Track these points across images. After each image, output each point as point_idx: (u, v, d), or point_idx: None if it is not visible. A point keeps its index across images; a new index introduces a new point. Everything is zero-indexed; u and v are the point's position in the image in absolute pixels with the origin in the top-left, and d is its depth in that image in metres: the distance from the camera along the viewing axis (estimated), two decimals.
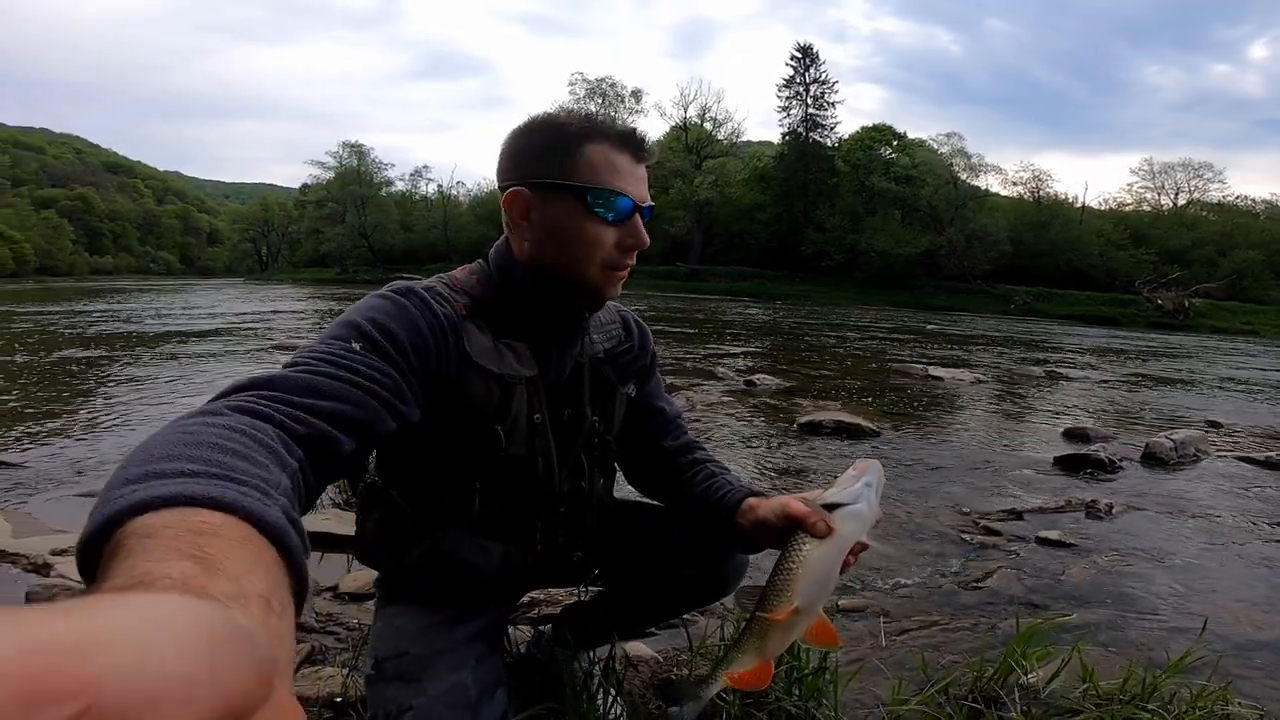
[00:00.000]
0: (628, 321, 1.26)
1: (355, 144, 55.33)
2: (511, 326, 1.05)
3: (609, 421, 1.19)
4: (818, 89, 47.90)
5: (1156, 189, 51.13)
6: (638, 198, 1.02)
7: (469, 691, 1.00)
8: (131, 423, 4.42)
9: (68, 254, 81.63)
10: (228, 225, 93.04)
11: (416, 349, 0.91)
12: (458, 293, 1.03)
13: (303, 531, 0.46)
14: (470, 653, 1.05)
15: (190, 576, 0.31)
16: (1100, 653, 1.95)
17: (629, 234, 1.02)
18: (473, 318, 1.01)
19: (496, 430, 1.02)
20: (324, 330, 0.88)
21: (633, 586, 1.31)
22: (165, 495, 0.42)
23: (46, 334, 9.96)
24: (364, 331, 0.87)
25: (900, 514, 3.18)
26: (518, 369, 1.04)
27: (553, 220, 1.00)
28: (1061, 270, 39.33)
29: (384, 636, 1.08)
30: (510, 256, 1.05)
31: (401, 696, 0.99)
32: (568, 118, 1.01)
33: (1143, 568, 2.69)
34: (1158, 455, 4.42)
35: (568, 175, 0.98)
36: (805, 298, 35.48)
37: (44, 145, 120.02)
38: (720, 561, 1.23)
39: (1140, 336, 21.46)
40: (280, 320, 13.56)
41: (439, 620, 1.08)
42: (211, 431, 0.55)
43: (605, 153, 0.99)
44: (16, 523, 2.58)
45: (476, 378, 0.99)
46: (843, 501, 0.94)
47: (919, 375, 8.06)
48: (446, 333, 0.96)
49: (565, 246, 1.01)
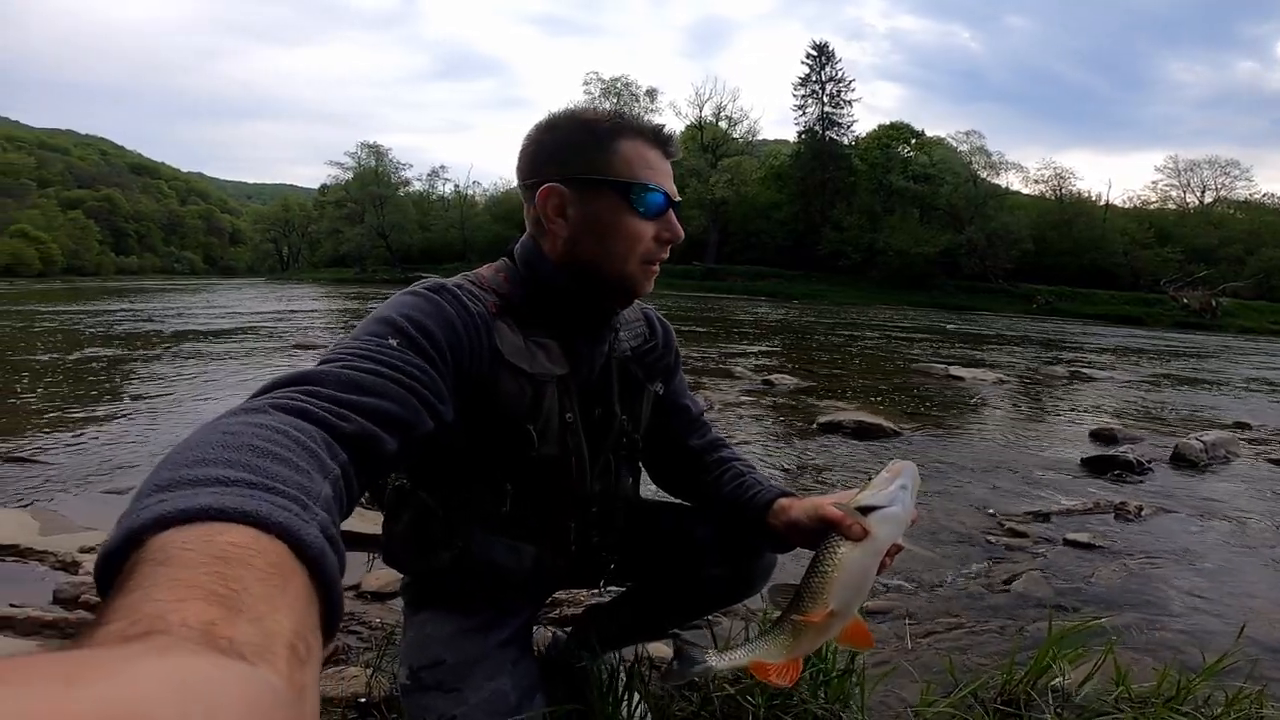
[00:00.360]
0: (651, 319, 1.25)
1: (373, 144, 55.86)
2: (541, 324, 1.04)
3: (637, 420, 1.17)
4: (834, 87, 47.61)
5: (1182, 187, 50.23)
6: (670, 192, 1.02)
7: (509, 698, 1.00)
8: (157, 420, 4.49)
9: (94, 254, 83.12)
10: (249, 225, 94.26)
11: (452, 347, 0.89)
12: (486, 291, 1.02)
13: (341, 549, 0.44)
14: (505, 658, 1.04)
15: (210, 623, 0.28)
16: (1132, 655, 1.91)
17: (665, 227, 1.03)
18: (503, 316, 1.00)
19: (529, 430, 1.01)
20: (358, 326, 0.87)
21: (657, 586, 1.30)
22: (193, 508, 0.39)
23: (73, 333, 10.14)
24: (400, 328, 0.85)
25: (923, 516, 3.13)
26: (549, 367, 1.03)
27: (593, 216, 1.00)
28: (1085, 269, 38.76)
29: (417, 645, 1.07)
30: (539, 253, 1.04)
31: (441, 706, 0.99)
32: (596, 114, 1.01)
33: (1173, 570, 2.63)
34: (1187, 457, 4.33)
35: (605, 171, 0.98)
36: (822, 297, 35.26)
37: (70, 147, 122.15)
38: (747, 561, 1.21)
39: (1166, 336, 21.08)
40: (300, 319, 13.70)
41: (471, 626, 1.07)
42: (252, 432, 0.52)
43: (638, 148, 1.00)
44: (44, 520, 2.60)
45: (508, 376, 0.98)
46: (878, 504, 0.93)
47: (939, 375, 7.97)
48: (480, 331, 0.95)
49: (604, 242, 1.00)
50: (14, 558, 2.27)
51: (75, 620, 1.83)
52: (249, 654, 0.27)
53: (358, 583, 2.16)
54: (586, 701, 1.30)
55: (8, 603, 1.89)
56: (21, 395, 5.15)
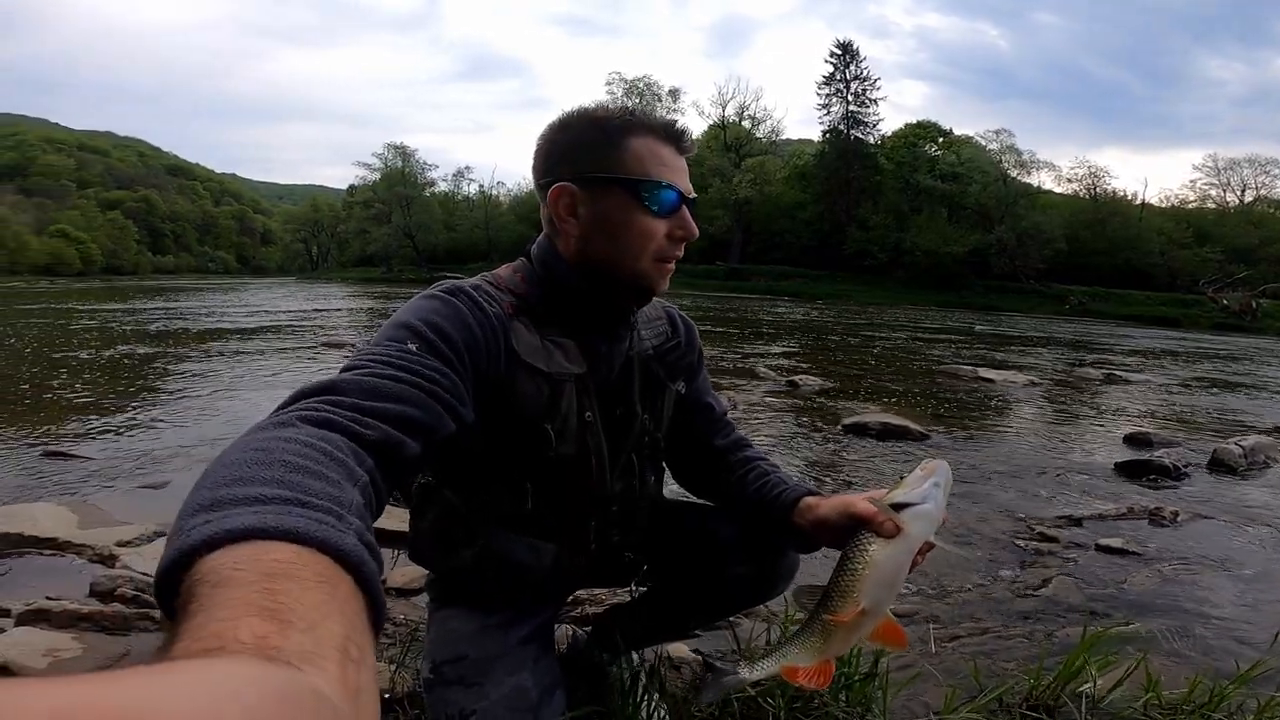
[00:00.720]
0: (674, 318, 1.24)
1: (400, 145, 56.68)
2: (558, 324, 1.05)
3: (659, 419, 1.17)
4: (859, 85, 47.20)
5: (1221, 185, 48.92)
6: (684, 189, 1.01)
7: (530, 694, 1.01)
8: (191, 416, 4.59)
9: (132, 254, 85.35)
10: (280, 226, 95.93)
11: (470, 349, 0.91)
12: (503, 291, 1.03)
13: (378, 553, 0.46)
14: (527, 655, 1.05)
15: (263, 637, 0.31)
16: (1164, 662, 1.86)
17: (678, 225, 1.02)
18: (519, 316, 1.01)
19: (546, 429, 1.01)
20: (378, 332, 0.89)
21: (680, 586, 1.29)
22: (238, 529, 0.41)
23: (111, 331, 10.42)
24: (419, 332, 0.87)
25: (951, 519, 3.08)
26: (567, 367, 1.03)
27: (603, 214, 1.00)
28: (1120, 269, 37.92)
29: (440, 641, 1.09)
30: (555, 253, 1.05)
31: (463, 701, 0.99)
32: (607, 112, 1.01)
33: (1210, 577, 2.56)
34: (1226, 462, 4.21)
35: (615, 169, 0.98)
36: (848, 297, 34.93)
37: (109, 149, 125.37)
38: (771, 560, 1.20)
39: (1204, 338, 20.52)
40: (328, 318, 13.93)
41: (493, 623, 1.08)
42: (282, 447, 0.55)
43: (650, 145, 0.99)
44: (83, 514, 2.66)
45: (525, 376, 0.99)
46: (910, 501, 0.91)
47: (968, 377, 7.84)
48: (497, 332, 0.96)
49: (615, 240, 1.00)
50: (52, 550, 2.33)
51: (111, 613, 1.88)
52: (296, 660, 0.30)
53: (383, 579, 2.19)
54: (606, 701, 1.31)
55: (45, 595, 1.94)
56: (62, 391, 5.30)
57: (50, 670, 1.59)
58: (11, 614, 1.84)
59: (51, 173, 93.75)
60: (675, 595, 1.31)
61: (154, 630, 1.83)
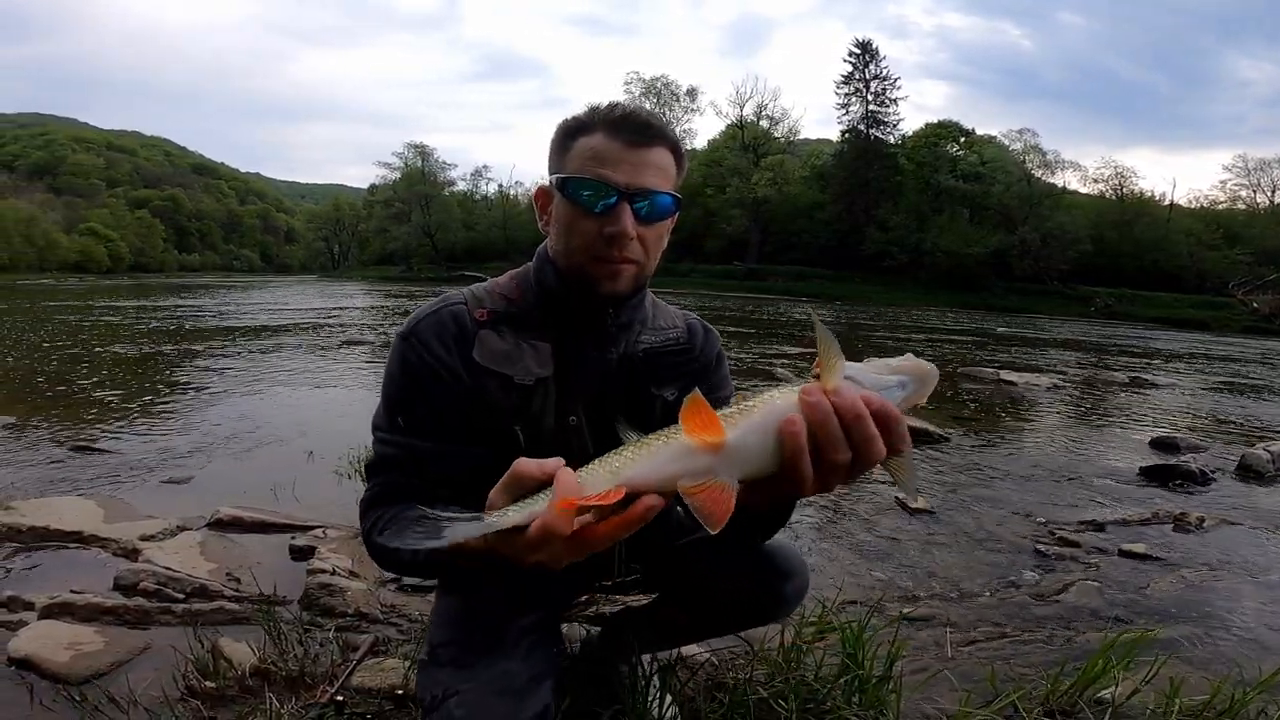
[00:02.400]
0: (693, 326, 1.23)
1: (419, 145, 57.20)
2: (540, 326, 1.08)
3: (644, 425, 1.15)
4: (878, 85, 46.79)
5: (1252, 186, 47.75)
6: (625, 184, 0.98)
7: (517, 679, 1.00)
8: (216, 412, 4.67)
9: (159, 252, 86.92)
10: (303, 224, 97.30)
11: (432, 385, 1.04)
12: (491, 297, 1.09)
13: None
14: (523, 642, 1.05)
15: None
16: (1186, 669, 1.83)
17: (610, 223, 0.99)
18: (494, 324, 1.07)
19: (515, 431, 1.03)
20: (374, 413, 1.08)
21: (682, 601, 1.28)
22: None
23: (139, 327, 10.62)
24: (397, 404, 1.06)
25: (969, 522, 3.06)
26: (534, 370, 1.05)
27: (556, 214, 1.05)
28: (1147, 271, 37.26)
29: (439, 623, 1.10)
30: (545, 253, 1.10)
31: (450, 681, 1.00)
32: (580, 113, 1.04)
33: (1235, 583, 2.51)
34: (1254, 467, 4.12)
35: (560, 168, 1.02)
36: (867, 298, 34.65)
37: (136, 148, 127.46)
38: (774, 584, 1.18)
39: (1233, 341, 20.10)
40: (350, 316, 14.08)
41: (490, 612, 1.08)
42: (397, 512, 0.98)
43: (594, 142, 1.00)
44: (108, 508, 2.71)
45: (491, 382, 1.03)
46: (858, 380, 0.73)
47: (990, 379, 7.74)
48: (443, 358, 1.04)
49: (559, 238, 1.05)
50: (77, 544, 2.38)
51: (133, 607, 1.91)
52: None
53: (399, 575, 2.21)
54: (618, 701, 1.31)
55: (69, 588, 1.98)
56: (89, 386, 5.42)
57: (72, 664, 1.61)
58: (35, 607, 1.87)
59: (81, 172, 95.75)
60: (679, 609, 1.29)
61: (175, 624, 1.86)
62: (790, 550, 1.23)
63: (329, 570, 2.13)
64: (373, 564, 2.31)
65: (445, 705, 0.97)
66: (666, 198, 1.02)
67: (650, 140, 1.00)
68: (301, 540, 2.43)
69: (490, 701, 0.97)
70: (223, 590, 2.07)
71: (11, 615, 1.85)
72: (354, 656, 1.60)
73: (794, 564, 1.20)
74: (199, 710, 1.44)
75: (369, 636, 1.76)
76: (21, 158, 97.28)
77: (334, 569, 2.15)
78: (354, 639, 1.76)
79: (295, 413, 4.73)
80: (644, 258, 1.05)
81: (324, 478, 3.25)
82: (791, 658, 1.54)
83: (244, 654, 1.61)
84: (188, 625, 1.80)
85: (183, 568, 2.17)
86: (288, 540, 2.46)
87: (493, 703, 0.97)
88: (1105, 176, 44.67)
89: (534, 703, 0.99)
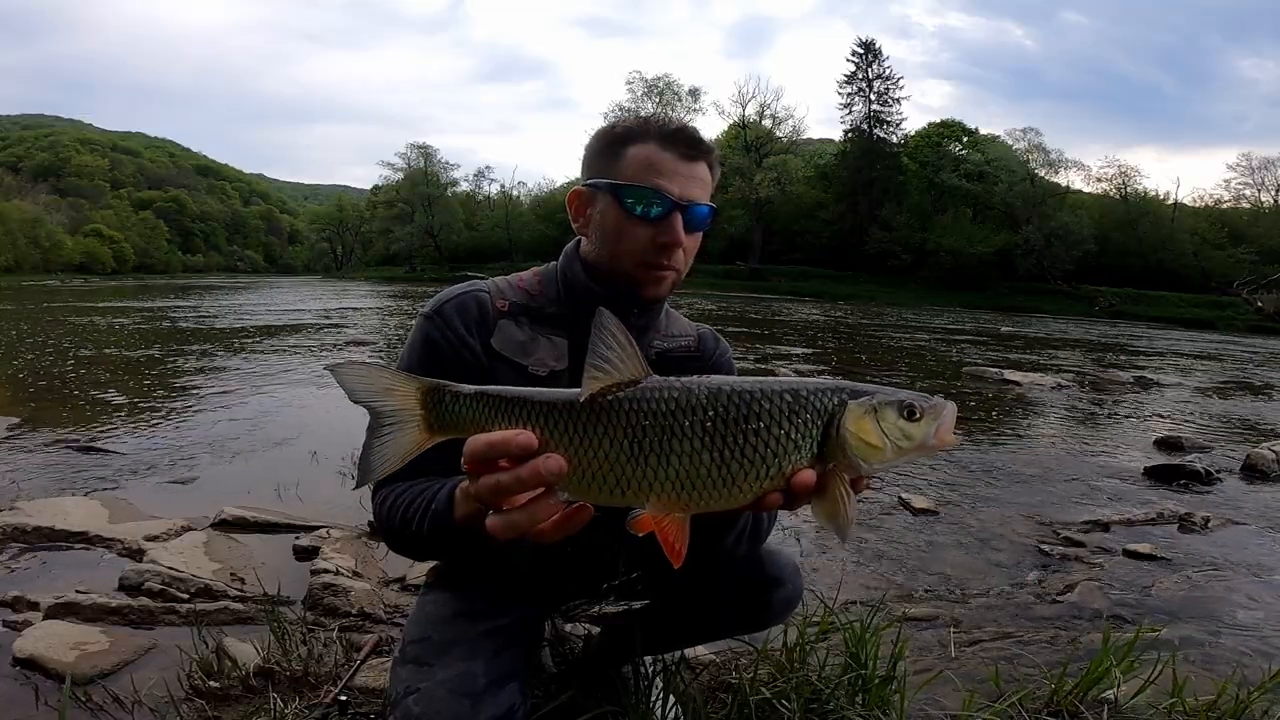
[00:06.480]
0: (705, 336, 1.25)
1: (422, 145, 57.09)
2: (560, 322, 1.10)
3: None
4: (881, 84, 46.68)
5: (1256, 185, 47.35)
6: (679, 195, 1.02)
7: (477, 680, 1.00)
8: (221, 412, 4.68)
9: (163, 253, 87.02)
10: (306, 225, 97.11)
11: (450, 360, 1.05)
12: (512, 289, 1.12)
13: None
14: (489, 644, 1.05)
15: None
16: (1190, 669, 1.82)
17: (663, 232, 1.03)
18: (514, 315, 1.10)
19: None
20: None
21: (674, 606, 1.27)
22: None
23: (143, 328, 10.65)
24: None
25: (973, 522, 3.05)
26: (548, 363, 1.07)
27: (599, 218, 1.06)
28: (1151, 270, 37.08)
29: (414, 621, 1.12)
30: (575, 253, 1.12)
31: (412, 679, 1.01)
32: (625, 121, 1.07)
33: (1240, 584, 2.50)
34: (1259, 468, 4.11)
35: (610, 175, 1.04)
36: (870, 298, 34.58)
37: (141, 149, 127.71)
38: (764, 592, 1.18)
39: (1238, 341, 20.02)
40: (352, 317, 14.10)
41: (466, 610, 1.09)
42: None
43: (648, 152, 1.02)
44: (113, 508, 2.72)
45: (506, 370, 1.05)
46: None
47: (994, 379, 7.72)
48: (465, 337, 1.07)
49: (605, 243, 1.06)
50: (83, 544, 2.38)
51: (138, 607, 1.91)
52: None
53: (403, 575, 2.21)
54: (620, 702, 1.30)
55: (74, 588, 1.98)
56: (94, 387, 5.43)
57: (77, 664, 1.62)
58: (41, 607, 1.88)
59: (86, 173, 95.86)
60: (672, 614, 1.29)
61: (180, 624, 1.86)
62: (782, 558, 1.22)
63: (333, 570, 2.14)
64: (376, 564, 2.33)
65: (404, 702, 0.98)
66: (708, 209, 1.07)
67: (699, 155, 1.05)
68: (305, 540, 2.44)
69: (447, 700, 0.97)
70: (227, 590, 2.07)
71: (17, 615, 1.86)
72: (358, 656, 1.60)
73: (785, 571, 1.20)
74: (203, 710, 1.44)
75: (372, 636, 1.76)
76: (26, 159, 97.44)
77: (338, 569, 2.16)
78: (358, 639, 1.76)
79: (299, 413, 4.75)
80: (683, 266, 1.09)
81: (328, 478, 3.26)
82: (795, 657, 1.54)
83: (248, 654, 1.61)
84: (192, 625, 1.81)
85: (187, 568, 2.18)
86: (291, 540, 2.47)
87: (449, 702, 0.97)
88: (1109, 176, 44.40)
89: (492, 705, 0.99)
